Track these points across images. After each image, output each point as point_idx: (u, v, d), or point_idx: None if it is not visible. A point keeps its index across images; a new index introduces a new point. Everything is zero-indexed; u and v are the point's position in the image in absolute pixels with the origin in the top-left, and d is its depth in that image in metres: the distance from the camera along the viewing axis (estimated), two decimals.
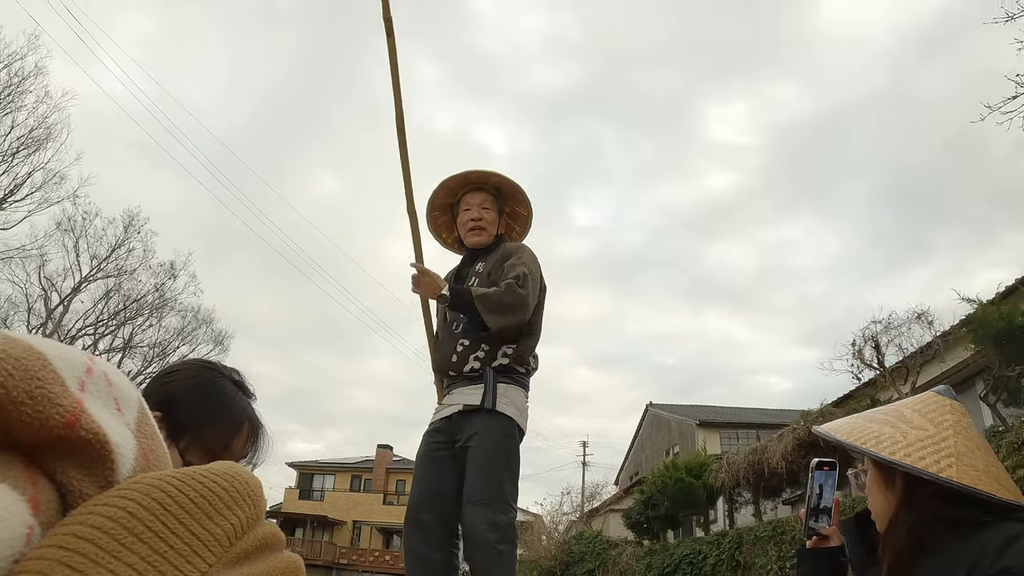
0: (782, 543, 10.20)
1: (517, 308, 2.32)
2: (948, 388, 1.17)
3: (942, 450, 1.04)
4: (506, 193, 2.68)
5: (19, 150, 16.73)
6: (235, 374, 1.19)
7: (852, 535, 1.22)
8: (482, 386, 2.32)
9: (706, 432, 23.98)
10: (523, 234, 2.78)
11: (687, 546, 12.76)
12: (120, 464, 0.41)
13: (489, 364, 2.36)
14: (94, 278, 19.86)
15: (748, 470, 11.64)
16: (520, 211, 2.74)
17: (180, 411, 1.05)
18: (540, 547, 18.74)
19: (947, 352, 10.14)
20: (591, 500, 24.71)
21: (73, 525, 0.36)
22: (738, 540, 11.20)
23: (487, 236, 2.60)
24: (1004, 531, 0.93)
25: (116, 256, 19.91)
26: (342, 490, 38.31)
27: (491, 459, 2.24)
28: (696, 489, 13.37)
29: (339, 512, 36.70)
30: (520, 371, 2.42)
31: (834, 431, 1.17)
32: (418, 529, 2.29)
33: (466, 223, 2.60)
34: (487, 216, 2.60)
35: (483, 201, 2.61)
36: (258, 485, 0.45)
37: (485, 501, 2.18)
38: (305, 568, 0.48)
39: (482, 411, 2.28)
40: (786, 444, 10.91)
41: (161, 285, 20.79)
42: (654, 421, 29.82)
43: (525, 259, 2.47)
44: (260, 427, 1.17)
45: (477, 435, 2.26)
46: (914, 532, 1.02)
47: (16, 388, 0.36)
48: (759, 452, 11.43)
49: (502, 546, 2.15)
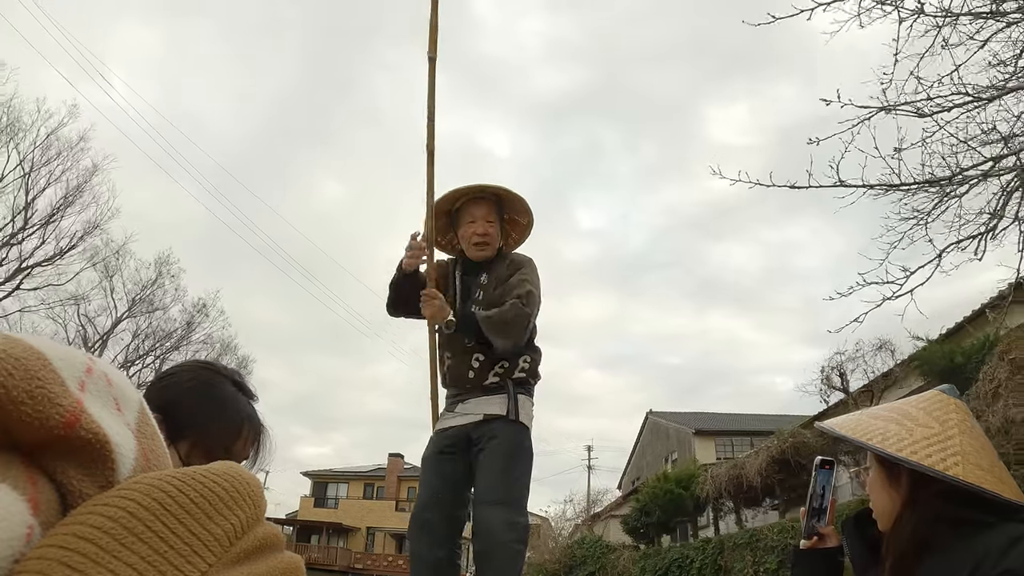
0: (757, 549, 11.47)
1: (522, 329, 2.39)
2: (952, 387, 1.16)
3: (948, 448, 1.03)
4: (507, 201, 2.69)
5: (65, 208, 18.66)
6: (235, 375, 1.17)
7: (852, 534, 1.21)
8: (504, 396, 2.37)
9: (702, 440, 25.03)
10: (519, 241, 2.79)
11: (676, 551, 14.05)
12: (120, 464, 0.41)
13: (510, 376, 2.42)
14: (130, 316, 21.58)
15: (729, 483, 12.90)
16: (519, 219, 2.76)
17: (179, 414, 1.03)
18: (546, 550, 20.01)
19: (905, 379, 11.44)
20: (595, 504, 26.05)
21: (73, 525, 0.36)
22: (720, 546, 12.48)
23: (491, 251, 2.62)
24: (1007, 532, 0.92)
25: (149, 294, 21.82)
26: (355, 498, 39.64)
27: (511, 462, 2.29)
28: (685, 499, 14.70)
29: (353, 519, 37.98)
30: (532, 383, 2.50)
31: (839, 427, 1.16)
32: (424, 529, 2.32)
33: (470, 236, 2.61)
34: (492, 231, 2.61)
35: (487, 214, 2.62)
36: (258, 485, 0.45)
37: (504, 501, 2.22)
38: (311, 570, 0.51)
39: (504, 419, 2.34)
40: (761, 461, 12.14)
41: (191, 321, 22.64)
42: (654, 428, 30.71)
43: (529, 275, 2.51)
44: (261, 429, 1.15)
45: (496, 439, 2.31)
46: (918, 531, 1.00)
47: (16, 388, 0.36)
48: (738, 467, 12.70)
49: (518, 546, 2.19)
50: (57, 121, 18.46)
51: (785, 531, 10.91)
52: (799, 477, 12.09)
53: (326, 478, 41.02)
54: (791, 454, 11.58)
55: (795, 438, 11.61)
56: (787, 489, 12.52)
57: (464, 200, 2.64)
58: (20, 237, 18.07)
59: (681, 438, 26.66)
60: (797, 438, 11.60)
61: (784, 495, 12.58)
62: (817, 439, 11.57)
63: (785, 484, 12.37)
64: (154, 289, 21.80)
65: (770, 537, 11.23)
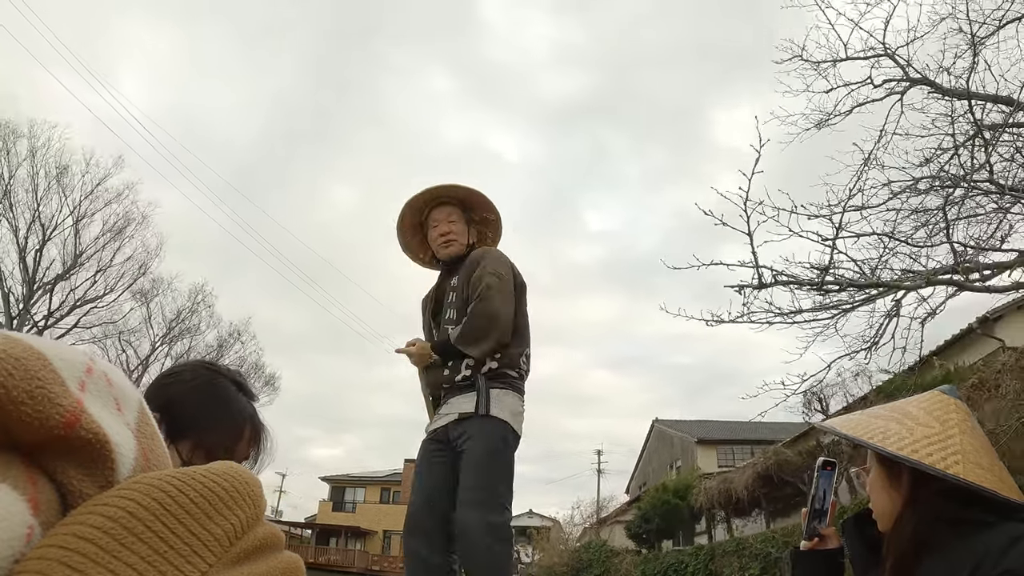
0: (743, 556, 12.76)
1: (492, 327, 2.36)
2: (952, 387, 1.16)
3: (948, 447, 1.03)
4: (471, 203, 2.72)
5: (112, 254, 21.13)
6: (236, 375, 1.17)
7: (852, 535, 1.21)
8: (474, 393, 2.35)
9: (704, 448, 25.93)
10: (496, 239, 2.80)
11: (673, 556, 15.36)
12: (120, 464, 0.41)
13: (479, 370, 2.39)
14: (168, 340, 23.21)
15: (720, 495, 14.18)
16: (489, 217, 2.77)
17: (181, 414, 1.03)
18: (557, 552, 21.28)
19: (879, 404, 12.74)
20: (603, 509, 27.35)
21: (73, 525, 0.36)
22: (711, 553, 13.79)
23: (458, 247, 2.64)
24: (1007, 532, 0.92)
25: (184, 320, 23.60)
26: (372, 502, 40.95)
27: (484, 461, 2.27)
28: (681, 509, 16.02)
29: (370, 522, 39.12)
30: (512, 375, 2.44)
31: (839, 426, 1.16)
32: (418, 533, 2.32)
33: (436, 239, 2.65)
34: (455, 228, 2.64)
35: (449, 215, 2.66)
36: (258, 485, 0.45)
37: (479, 502, 2.21)
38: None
39: (476, 416, 2.31)
40: (748, 476, 13.43)
41: (222, 343, 24.33)
42: (659, 436, 31.64)
43: (489, 265, 2.47)
44: (262, 429, 1.15)
45: (471, 439, 2.29)
46: (918, 531, 1.01)
47: (16, 388, 0.36)
48: (727, 481, 13.98)
49: (496, 547, 2.16)
50: (104, 171, 21.08)
51: (767, 540, 12.19)
52: (782, 491, 13.34)
53: (343, 483, 42.56)
54: (774, 470, 12.82)
55: (778, 456, 12.88)
56: (772, 501, 13.76)
57: (429, 210, 2.70)
58: (74, 279, 20.50)
59: (685, 446, 27.50)
60: (780, 456, 12.85)
61: (769, 507, 13.81)
62: (797, 457, 12.84)
63: (770, 497, 13.61)
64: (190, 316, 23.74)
65: (754, 545, 12.47)
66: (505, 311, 2.41)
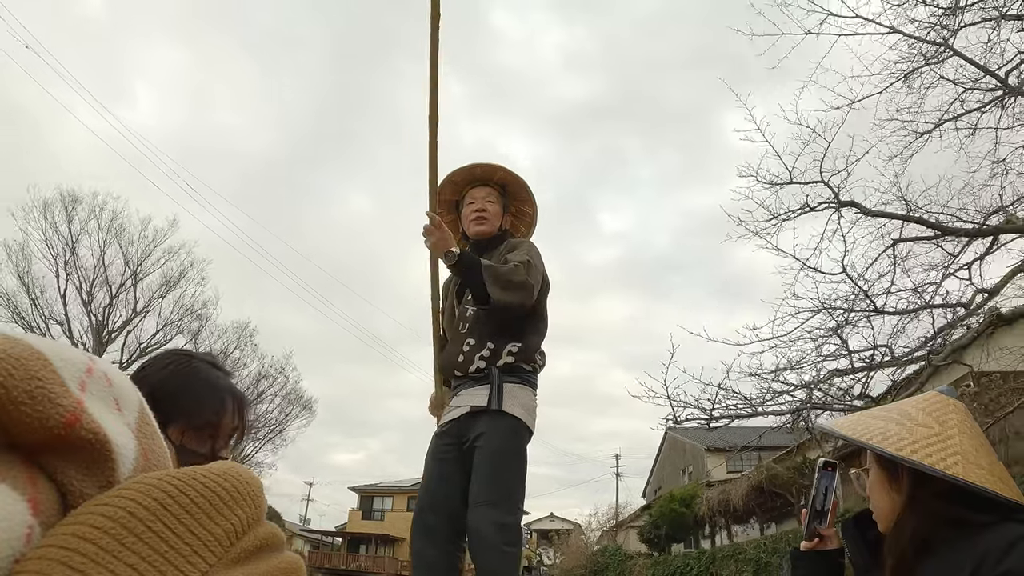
0: (739, 560, 14.30)
1: (521, 288, 2.30)
2: (951, 388, 1.16)
3: (948, 448, 1.03)
4: (511, 191, 2.68)
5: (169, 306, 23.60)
6: (209, 356, 1.20)
7: (852, 536, 1.20)
8: (488, 386, 2.30)
9: (713, 456, 27.07)
10: (528, 233, 2.77)
11: (679, 560, 16.92)
12: (120, 464, 0.41)
13: (494, 363, 2.34)
14: None
15: (719, 505, 15.80)
16: (525, 210, 2.74)
17: (163, 399, 1.04)
18: (576, 555, 22.79)
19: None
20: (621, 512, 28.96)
21: (73, 525, 0.36)
22: (712, 557, 15.36)
23: (490, 226, 2.59)
24: (1007, 532, 0.92)
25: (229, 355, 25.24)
26: (400, 510, 41.86)
27: (498, 460, 2.22)
28: (687, 516, 17.65)
29: (399, 530, 39.66)
30: (527, 369, 2.39)
31: (839, 427, 1.16)
32: (424, 530, 2.30)
33: (470, 215, 2.59)
34: (491, 208, 2.59)
35: (487, 195, 2.61)
36: (258, 485, 0.45)
37: (492, 502, 2.16)
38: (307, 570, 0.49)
39: (489, 411, 2.26)
40: (743, 488, 15.03)
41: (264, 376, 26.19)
42: (672, 443, 32.47)
43: (528, 252, 2.44)
44: (244, 399, 1.18)
45: (484, 435, 2.24)
46: (918, 532, 1.01)
47: (16, 388, 0.36)
48: (725, 492, 15.59)
49: (508, 548, 2.13)
50: (162, 234, 23.48)
51: (760, 547, 13.69)
52: (774, 501, 14.93)
53: (372, 492, 44.02)
54: (766, 484, 14.40)
55: (769, 471, 14.46)
56: (766, 511, 15.33)
57: (468, 188, 2.66)
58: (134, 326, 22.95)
59: (696, 454, 28.51)
60: (771, 471, 14.44)
61: (763, 516, 15.38)
62: (786, 472, 14.42)
63: (764, 507, 15.19)
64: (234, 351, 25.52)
65: (748, 551, 14.02)
66: (534, 291, 2.36)
